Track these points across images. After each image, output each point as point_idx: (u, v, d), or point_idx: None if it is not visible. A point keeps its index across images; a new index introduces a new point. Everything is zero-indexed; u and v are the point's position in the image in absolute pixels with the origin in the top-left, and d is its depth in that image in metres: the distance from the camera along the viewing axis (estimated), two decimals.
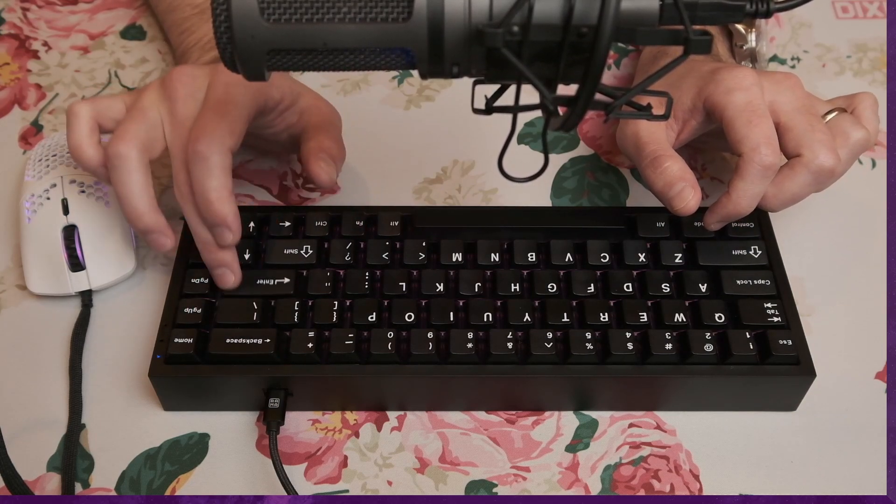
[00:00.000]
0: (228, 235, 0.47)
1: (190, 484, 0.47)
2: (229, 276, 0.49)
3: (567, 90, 0.36)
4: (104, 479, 0.47)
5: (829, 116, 0.49)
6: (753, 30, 0.57)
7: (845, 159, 0.48)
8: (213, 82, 0.47)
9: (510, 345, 0.47)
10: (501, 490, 0.47)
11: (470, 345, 0.47)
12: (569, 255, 0.51)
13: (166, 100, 0.47)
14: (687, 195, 0.47)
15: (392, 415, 0.49)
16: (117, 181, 0.46)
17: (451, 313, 0.48)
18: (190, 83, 0.47)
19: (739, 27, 0.58)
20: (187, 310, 0.48)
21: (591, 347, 0.47)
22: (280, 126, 0.52)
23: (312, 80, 0.63)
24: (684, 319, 0.48)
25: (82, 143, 0.47)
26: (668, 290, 0.49)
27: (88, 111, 0.48)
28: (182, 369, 0.47)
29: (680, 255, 0.51)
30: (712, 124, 0.50)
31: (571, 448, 0.48)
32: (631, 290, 0.49)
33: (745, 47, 0.58)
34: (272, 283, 0.50)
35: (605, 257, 0.51)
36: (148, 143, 0.47)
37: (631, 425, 0.49)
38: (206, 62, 0.54)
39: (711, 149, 0.59)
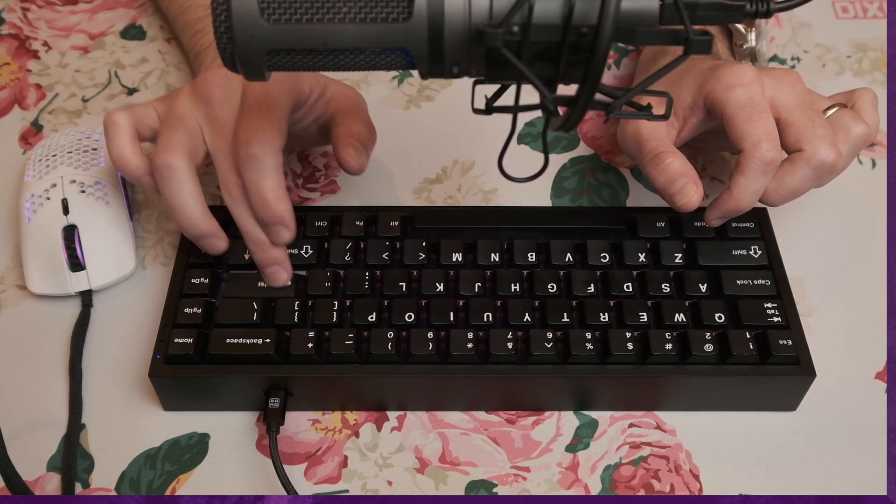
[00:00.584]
0: (286, 234, 0.47)
1: (190, 484, 0.47)
2: (282, 273, 0.49)
3: (567, 90, 0.36)
4: (104, 479, 0.47)
5: (830, 112, 0.49)
6: (753, 29, 0.57)
7: (846, 154, 0.48)
8: (249, 83, 0.47)
9: (510, 345, 0.47)
10: (501, 490, 0.47)
11: (470, 345, 0.47)
12: (569, 255, 0.51)
13: (202, 104, 0.47)
14: (689, 191, 0.47)
15: (392, 415, 0.49)
16: (169, 192, 0.46)
17: (451, 313, 0.48)
18: (225, 85, 0.47)
19: (739, 26, 0.58)
20: (187, 310, 0.48)
21: (591, 347, 0.47)
22: (309, 119, 0.52)
23: None
24: (684, 319, 0.48)
25: (125, 153, 0.47)
26: (668, 290, 0.49)
27: (127, 120, 0.47)
28: (182, 369, 0.47)
29: (680, 255, 0.51)
30: (713, 121, 0.50)
31: (571, 448, 0.48)
32: (631, 290, 0.49)
33: (744, 47, 0.58)
34: None
35: (605, 257, 0.51)
36: (192, 151, 0.47)
37: (631, 425, 0.49)
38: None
39: (711, 148, 0.59)
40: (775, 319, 0.48)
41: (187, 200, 0.47)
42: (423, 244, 0.51)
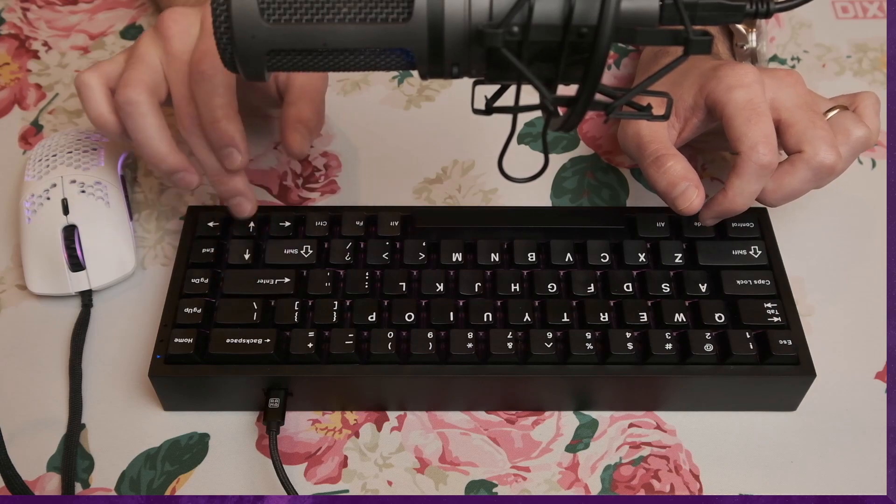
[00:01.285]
0: (237, 156, 0.47)
1: (190, 484, 0.47)
2: (245, 203, 0.49)
3: (567, 90, 0.36)
4: (104, 479, 0.47)
5: (831, 114, 0.49)
6: (754, 30, 0.57)
7: (846, 156, 0.48)
8: (205, 16, 0.47)
9: (510, 345, 0.47)
10: (501, 490, 0.47)
11: (470, 345, 0.47)
12: (569, 255, 0.51)
13: (161, 40, 0.47)
14: (691, 195, 0.47)
15: (392, 415, 0.49)
16: (133, 128, 0.46)
17: (451, 313, 0.48)
18: (182, 20, 0.47)
19: (740, 27, 0.58)
20: (187, 310, 0.48)
21: (591, 347, 0.47)
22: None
23: None
24: (684, 319, 0.48)
25: (103, 112, 0.47)
26: (668, 290, 0.49)
27: (98, 79, 0.48)
28: (182, 369, 0.47)
29: (680, 255, 0.51)
30: (714, 122, 0.50)
31: (571, 448, 0.48)
32: (631, 290, 0.49)
33: (745, 47, 0.58)
34: (272, 282, 0.50)
35: (605, 257, 0.51)
36: (153, 87, 0.47)
37: (631, 425, 0.49)
38: (192, 4, 0.54)
39: (712, 148, 0.59)
40: (775, 319, 0.48)
41: (152, 134, 0.46)
42: (423, 244, 0.51)
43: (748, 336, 0.47)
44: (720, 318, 0.48)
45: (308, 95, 0.52)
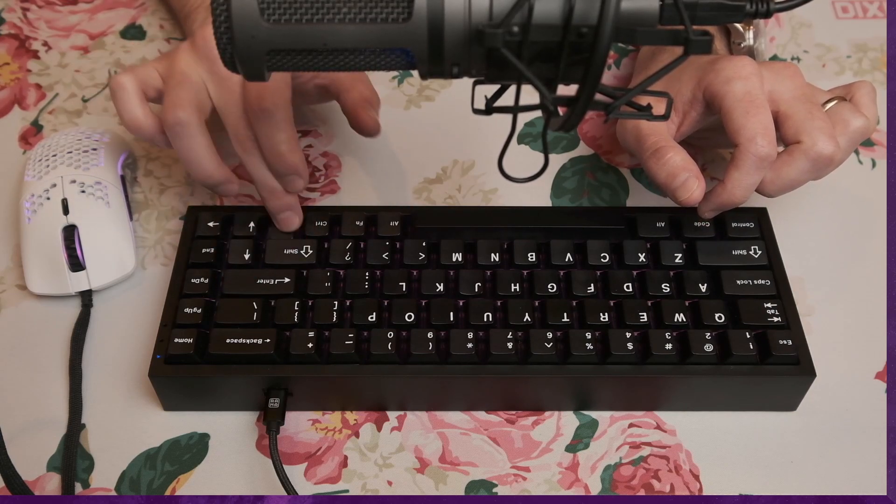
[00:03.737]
0: (300, 182, 0.50)
1: (190, 484, 0.47)
2: (294, 218, 0.52)
3: (567, 90, 0.36)
4: (104, 479, 0.47)
5: (829, 105, 0.49)
6: (751, 28, 0.57)
7: (844, 147, 0.48)
8: None
9: (510, 345, 0.47)
10: (501, 490, 0.47)
11: (470, 345, 0.47)
12: (569, 255, 0.51)
13: (205, 60, 0.48)
14: (691, 185, 0.47)
15: (392, 415, 0.49)
16: (183, 147, 0.48)
17: (451, 313, 0.48)
18: None
19: (738, 25, 0.58)
20: (187, 310, 0.48)
21: (591, 347, 0.47)
22: (307, 75, 0.54)
23: None
24: (684, 319, 0.48)
25: (138, 116, 0.49)
26: (668, 290, 0.49)
27: (133, 82, 0.49)
28: (182, 369, 0.47)
29: (680, 255, 0.51)
30: (712, 115, 0.50)
31: (571, 448, 0.48)
32: (631, 290, 0.49)
33: (742, 45, 0.58)
34: (272, 282, 0.50)
35: (605, 257, 0.51)
36: (200, 106, 0.48)
37: (631, 425, 0.49)
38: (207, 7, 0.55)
39: (711, 146, 0.59)
40: (775, 319, 0.48)
41: (202, 154, 0.48)
42: (423, 244, 0.51)
43: (748, 336, 0.47)
44: (720, 318, 0.48)
45: (358, 76, 0.55)
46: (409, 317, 0.48)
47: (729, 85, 0.47)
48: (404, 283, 0.49)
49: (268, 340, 0.47)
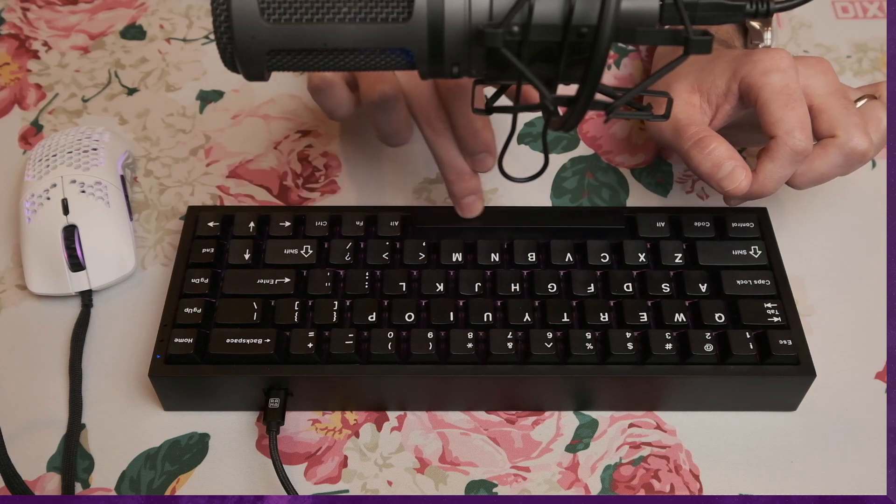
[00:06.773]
0: (490, 160, 0.50)
1: (190, 484, 0.47)
2: (478, 203, 0.51)
3: (567, 90, 0.36)
4: (104, 479, 0.47)
5: (860, 102, 0.49)
6: (769, 28, 0.57)
7: (877, 144, 0.48)
8: None
9: (510, 345, 0.47)
10: (501, 490, 0.47)
11: (470, 345, 0.47)
12: (569, 255, 0.51)
13: None
14: (738, 175, 0.47)
15: (392, 415, 0.49)
16: (384, 120, 0.49)
17: (451, 313, 0.48)
18: None
19: (755, 24, 0.57)
20: (187, 310, 0.48)
21: (591, 347, 0.47)
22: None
23: None
24: (684, 319, 0.48)
25: (350, 109, 0.50)
26: (668, 290, 0.49)
27: (336, 75, 0.49)
28: (182, 369, 0.47)
29: (680, 255, 0.51)
30: (745, 108, 0.49)
31: (571, 448, 0.48)
32: (631, 290, 0.49)
33: (760, 45, 0.58)
34: (272, 282, 0.50)
35: (605, 257, 0.51)
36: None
37: (631, 425, 0.49)
38: None
39: (739, 143, 0.59)
40: (775, 319, 0.48)
41: (404, 126, 0.49)
42: (423, 244, 0.51)
43: (748, 336, 0.47)
44: (720, 318, 0.48)
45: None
46: (409, 317, 0.48)
47: (767, 77, 0.47)
48: (404, 283, 0.49)
49: (268, 340, 0.47)
